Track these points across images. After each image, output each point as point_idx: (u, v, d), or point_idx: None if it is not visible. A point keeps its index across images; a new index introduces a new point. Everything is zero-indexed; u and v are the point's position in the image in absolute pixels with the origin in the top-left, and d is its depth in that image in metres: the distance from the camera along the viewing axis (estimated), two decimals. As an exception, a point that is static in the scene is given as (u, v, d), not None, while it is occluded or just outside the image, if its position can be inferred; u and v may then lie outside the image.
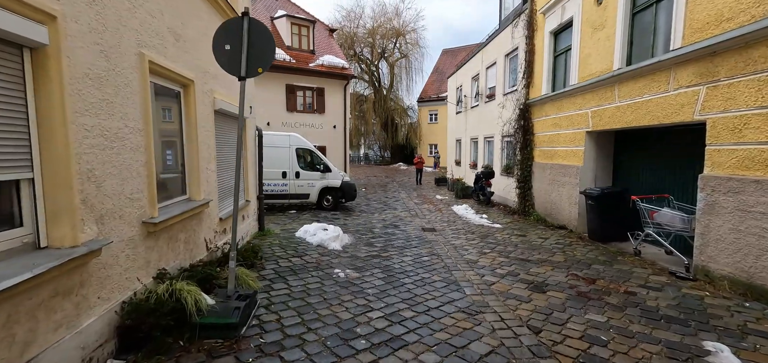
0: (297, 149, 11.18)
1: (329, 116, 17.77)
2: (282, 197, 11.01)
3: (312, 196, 11.31)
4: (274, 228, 8.56)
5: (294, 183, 11.04)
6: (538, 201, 10.09)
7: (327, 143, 17.75)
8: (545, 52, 9.92)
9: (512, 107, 11.71)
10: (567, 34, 9.09)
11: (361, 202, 13.60)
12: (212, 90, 5.27)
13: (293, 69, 16.38)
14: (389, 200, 14.35)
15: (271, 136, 10.96)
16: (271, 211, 11.01)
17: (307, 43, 17.88)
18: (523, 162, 10.78)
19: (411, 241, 7.71)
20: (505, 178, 12.55)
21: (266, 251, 6.40)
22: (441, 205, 13.23)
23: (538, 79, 10.42)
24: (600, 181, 8.07)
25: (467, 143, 17.79)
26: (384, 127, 37.59)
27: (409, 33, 36.46)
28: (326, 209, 11.49)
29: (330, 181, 11.45)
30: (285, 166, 10.95)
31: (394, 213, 11.49)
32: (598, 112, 7.56)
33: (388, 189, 18.24)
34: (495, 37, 14.30)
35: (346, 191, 11.67)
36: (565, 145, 8.78)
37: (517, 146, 11.23)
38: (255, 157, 7.68)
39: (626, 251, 6.62)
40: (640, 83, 6.37)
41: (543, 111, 9.96)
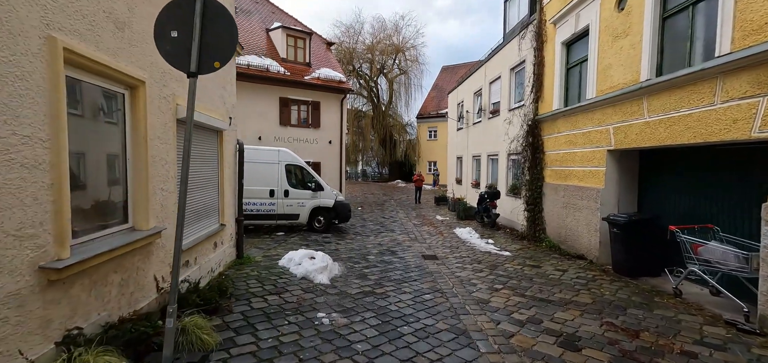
0: (286, 165, 10.28)
1: (325, 131, 16.96)
2: (269, 218, 10.04)
3: (302, 216, 10.35)
4: (255, 254, 7.58)
5: (282, 202, 10.09)
6: (551, 226, 9.16)
7: (322, 159, 16.89)
8: (556, 64, 9.16)
9: (519, 123, 10.89)
10: (582, 45, 8.33)
11: (356, 223, 12.65)
12: (174, 95, 4.39)
13: (287, 81, 15.64)
14: (386, 221, 13.40)
15: (258, 151, 10.08)
16: (257, 233, 10.04)
17: (303, 56, 17.21)
18: (532, 182, 9.89)
19: (410, 271, 6.74)
20: (512, 199, 11.65)
21: (239, 286, 5.41)
22: (442, 227, 12.28)
23: (548, 93, 9.63)
24: (624, 205, 7.17)
25: (469, 161, 16.95)
26: (382, 143, 36.85)
27: (408, 49, 36.14)
28: (317, 231, 10.52)
29: (322, 200, 10.52)
30: (273, 184, 10.03)
31: (392, 236, 10.53)
32: (622, 128, 6.71)
33: (386, 208, 17.30)
34: (499, 51, 13.62)
35: (340, 212, 10.73)
36: (582, 164, 7.92)
37: (524, 165, 10.36)
38: (235, 174, 6.76)
39: (662, 290, 5.67)
40: (676, 96, 5.53)
41: (555, 127, 9.13)
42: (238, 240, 6.85)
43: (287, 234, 10.06)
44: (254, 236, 9.61)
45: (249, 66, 14.67)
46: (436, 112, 35.37)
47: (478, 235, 10.48)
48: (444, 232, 11.22)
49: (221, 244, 6.07)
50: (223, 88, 6.19)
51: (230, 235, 6.56)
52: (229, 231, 6.50)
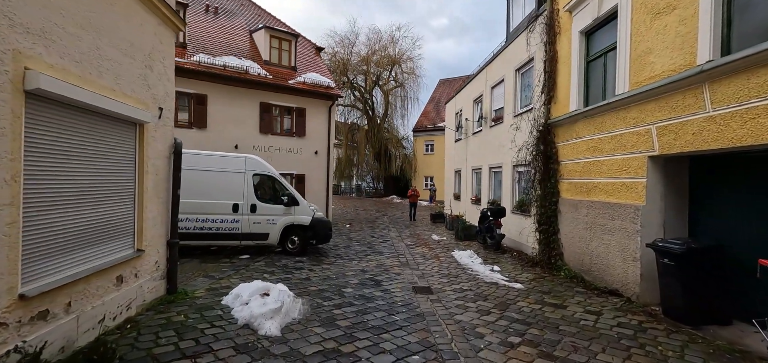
0: (254, 175, 8.69)
1: (310, 140, 15.45)
2: (231, 237, 8.39)
3: (272, 236, 8.71)
4: (199, 286, 5.92)
5: (248, 219, 8.46)
6: (570, 250, 7.57)
7: (307, 171, 15.32)
8: (574, 57, 7.73)
9: (528, 129, 9.42)
10: (607, 31, 6.92)
11: (340, 243, 11.00)
12: (24, 53, 2.84)
13: (269, 85, 14.19)
14: (375, 241, 11.76)
15: (218, 159, 8.50)
16: (217, 256, 8.37)
17: (288, 59, 15.82)
18: (545, 198, 8.35)
19: (395, 313, 5.11)
20: (519, 218, 10.08)
21: (143, 342, 3.76)
22: (438, 248, 10.65)
23: (562, 92, 8.18)
24: (672, 228, 5.61)
25: (468, 174, 15.43)
26: (377, 157, 35.40)
27: (405, 61, 35.02)
28: (291, 254, 8.86)
29: (297, 216, 8.90)
30: (237, 197, 8.41)
31: (379, 259, 8.89)
32: (670, 128, 5.20)
33: (377, 225, 15.66)
34: (502, 52, 12.27)
35: (318, 230, 9.10)
36: (612, 175, 6.38)
37: (535, 177, 8.83)
38: (167, 182, 5.17)
39: (746, 348, 4.06)
40: (758, 79, 4.04)
41: (573, 132, 7.64)
42: (171, 269, 5.21)
43: (253, 257, 8.39)
44: (211, 260, 7.95)
45: (226, 67, 13.23)
46: (434, 126, 34.07)
47: (481, 259, 8.86)
48: (441, 256, 9.59)
49: (134, 278, 4.42)
50: (149, 66, 4.66)
51: (155, 263, 4.92)
52: (153, 259, 4.86)
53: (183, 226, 7.83)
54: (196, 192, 8.03)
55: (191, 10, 14.98)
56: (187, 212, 7.90)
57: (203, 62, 12.77)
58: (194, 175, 8.03)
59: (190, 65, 12.44)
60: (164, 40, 5.06)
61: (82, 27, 3.44)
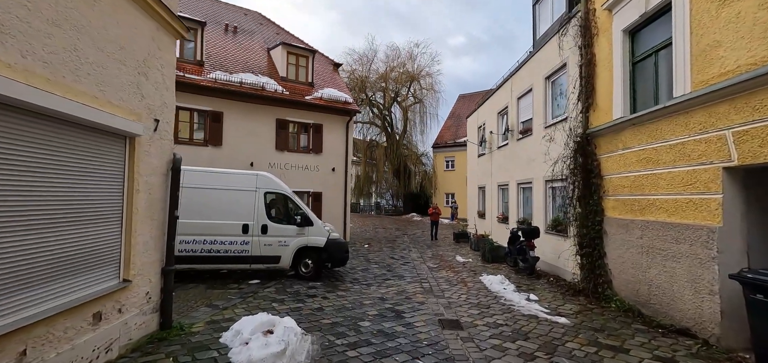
0: (266, 194, 8.15)
1: (327, 157, 14.97)
2: (240, 261, 7.81)
3: (284, 259, 8.09)
4: (198, 318, 5.31)
5: (259, 241, 7.89)
6: (621, 278, 6.56)
7: (323, 189, 14.80)
8: (616, 59, 6.89)
9: (563, 141, 8.54)
10: (658, 27, 6.08)
11: (358, 265, 10.27)
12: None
13: (286, 101, 13.89)
14: (396, 262, 10.96)
15: (227, 176, 8.03)
16: (224, 280, 7.81)
17: (305, 75, 15.56)
18: (587, 217, 7.39)
19: (420, 354, 4.32)
20: (555, 238, 9.10)
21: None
22: (464, 272, 9.75)
23: (603, 99, 7.32)
24: (759, 254, 4.61)
25: (494, 191, 14.50)
26: (396, 174, 34.75)
27: (423, 77, 34.61)
28: (304, 278, 8.20)
29: (311, 238, 8.27)
30: (247, 217, 7.87)
31: (400, 285, 8.10)
32: (753, 132, 4.29)
33: (397, 245, 14.86)
34: (529, 61, 11.50)
35: (333, 253, 8.42)
36: (674, 190, 5.44)
37: (573, 194, 7.90)
38: (163, 203, 4.64)
39: None
40: None
41: (618, 142, 6.74)
42: (164, 301, 4.62)
43: (263, 283, 7.78)
44: (219, 285, 7.38)
45: (242, 84, 13.01)
46: (454, 141, 33.25)
47: (514, 286, 7.92)
48: (468, 281, 8.70)
49: (117, 314, 3.84)
50: (143, 73, 4.19)
51: (146, 295, 4.34)
52: (143, 290, 4.28)
53: (189, 249, 7.36)
54: (203, 212, 7.55)
55: (210, 29, 15.01)
56: (193, 234, 7.43)
57: (219, 79, 12.60)
58: (201, 195, 7.58)
59: (206, 82, 12.28)
60: (163, 46, 4.61)
61: (54, 23, 2.96)
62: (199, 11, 15.51)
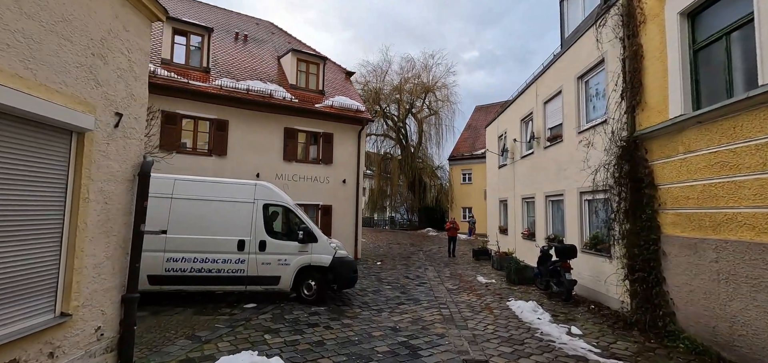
0: (266, 206, 7.31)
1: (338, 168, 14.15)
2: (234, 282, 6.94)
3: (284, 279, 7.17)
4: (171, 356, 4.42)
5: (256, 259, 7.01)
6: (688, 310, 5.35)
7: (333, 202, 13.94)
8: (671, 47, 5.82)
9: (603, 146, 7.43)
10: (728, 4, 5.01)
11: (368, 286, 9.26)
12: None
13: (295, 109, 13.20)
14: (410, 283, 9.90)
15: (222, 186, 7.23)
16: (218, 303, 6.94)
17: (315, 83, 14.91)
18: (638, 234, 6.22)
19: (443, 417, 3.27)
20: (594, 258, 7.91)
21: None
22: (488, 295, 8.61)
23: (654, 96, 6.22)
24: None
25: (517, 204, 13.32)
26: (411, 187, 33.72)
27: (439, 88, 33.76)
28: (306, 302, 7.25)
29: (314, 256, 7.34)
30: (244, 232, 7.03)
31: (415, 311, 7.05)
32: None
33: (412, 263, 13.78)
34: (556, 62, 10.47)
35: (340, 273, 7.46)
36: (763, 202, 4.28)
37: (619, 207, 6.75)
38: (124, 215, 3.81)
39: None
40: None
41: (678, 144, 5.61)
42: (124, 336, 3.74)
43: (259, 307, 6.86)
44: (209, 310, 6.50)
45: (249, 91, 12.41)
46: (471, 153, 32.08)
47: (549, 315, 6.76)
48: (493, 307, 7.57)
49: (47, 359, 2.96)
50: (101, 55, 3.42)
51: (96, 331, 3.46)
52: (92, 325, 3.41)
53: (177, 268, 6.54)
54: (193, 226, 6.76)
55: (218, 36, 14.61)
56: (182, 251, 6.63)
57: (225, 86, 12.02)
58: (192, 206, 6.80)
59: (211, 89, 11.71)
60: (131, 27, 3.84)
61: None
62: (209, 19, 15.16)
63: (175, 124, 11.19)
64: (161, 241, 6.53)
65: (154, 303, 6.64)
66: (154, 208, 6.60)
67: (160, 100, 10.88)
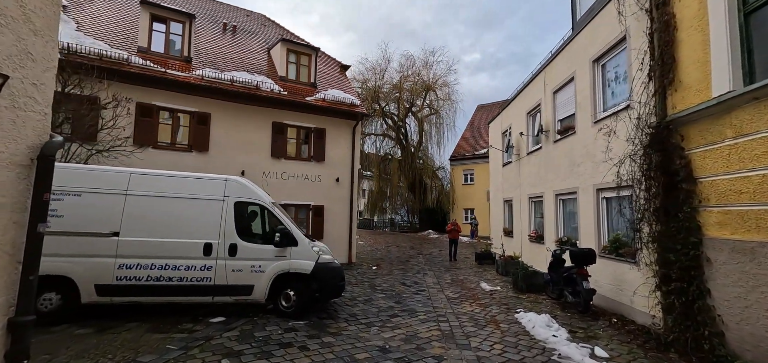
0: (237, 204, 6.35)
1: (331, 166, 13.20)
2: (199, 292, 5.98)
3: (258, 289, 6.20)
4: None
5: (225, 265, 6.05)
6: (744, 331, 4.35)
7: (326, 202, 12.98)
8: (715, 13, 4.86)
9: (625, 135, 6.47)
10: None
11: (359, 294, 8.28)
12: None
13: (284, 102, 12.27)
14: (407, 290, 8.92)
15: (187, 181, 6.28)
16: (180, 316, 5.97)
17: (307, 75, 13.98)
18: (673, 236, 5.24)
19: None
20: (614, 264, 6.92)
21: None
22: (494, 305, 7.62)
23: (692, 72, 5.26)
24: None
25: (524, 204, 12.33)
26: (411, 189, 32.72)
27: (440, 87, 32.81)
28: (284, 314, 6.28)
29: (294, 261, 6.37)
30: (211, 234, 6.07)
31: (410, 325, 6.09)
32: None
33: (410, 267, 12.79)
34: (568, 46, 9.51)
35: (324, 281, 6.49)
36: None
37: (649, 205, 5.77)
38: (17, 213, 2.86)
39: None
40: None
41: (725, 127, 4.64)
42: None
43: (228, 321, 5.90)
44: (168, 325, 5.54)
45: (233, 82, 11.49)
46: (473, 153, 31.13)
47: (566, 331, 5.78)
48: (500, 320, 6.58)
49: None
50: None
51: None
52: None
53: (131, 277, 5.60)
54: (151, 228, 5.81)
55: (203, 26, 13.73)
56: (137, 256, 5.68)
57: (207, 77, 11.10)
58: (149, 205, 5.86)
59: (192, 80, 10.79)
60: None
61: None
62: (194, 7, 14.26)
63: (151, 116, 10.27)
64: (112, 245, 5.60)
65: (105, 317, 5.70)
66: (103, 207, 5.73)
67: (135, 91, 9.98)
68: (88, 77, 7.88)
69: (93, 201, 5.60)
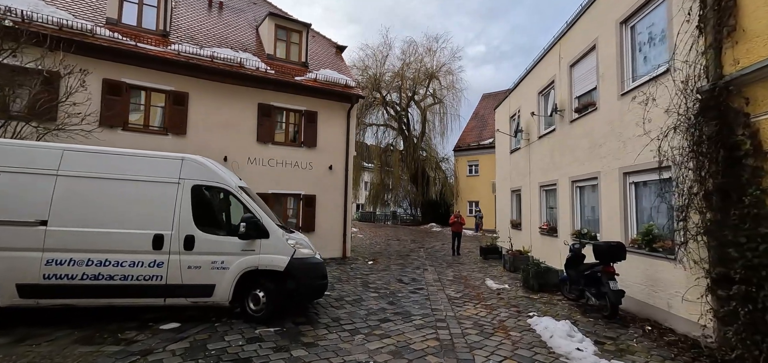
0: (195, 187, 5.31)
1: (323, 153, 12.14)
2: (147, 293, 4.96)
3: (221, 289, 5.17)
4: None
5: (179, 261, 5.03)
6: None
7: (318, 192, 11.95)
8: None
9: (665, 105, 5.32)
10: None
11: (348, 292, 7.25)
12: None
13: (270, 81, 11.19)
14: (403, 289, 7.87)
15: (134, 160, 5.22)
16: (122, 322, 4.97)
17: (298, 54, 12.88)
18: (735, 227, 4.13)
19: None
20: (647, 260, 5.82)
21: None
22: (501, 307, 6.56)
23: (760, 17, 4.10)
24: None
25: (534, 194, 11.21)
26: (414, 180, 31.59)
27: (444, 74, 31.47)
28: (254, 320, 5.26)
29: (264, 257, 5.33)
30: (162, 224, 5.04)
31: (402, 335, 5.05)
32: None
33: (410, 262, 11.76)
34: (587, 12, 8.33)
35: (300, 279, 5.44)
36: None
37: (698, 188, 4.65)
38: None
39: None
40: None
41: (816, 82, 3.49)
42: None
43: (182, 329, 4.89)
44: (109, 331, 4.55)
45: (214, 58, 10.43)
46: (478, 144, 29.93)
47: (592, 342, 4.72)
48: (510, 327, 5.52)
49: None
50: None
51: None
52: None
53: (63, 275, 4.60)
54: (87, 215, 4.80)
55: (186, 2, 12.63)
56: (71, 250, 4.68)
57: (184, 52, 10.05)
58: (87, 188, 4.84)
59: (167, 55, 9.74)
60: None
61: None
62: (176, -18, 13.16)
63: (120, 95, 9.25)
64: (38, 237, 4.60)
65: (31, 323, 4.72)
66: (27, 190, 4.68)
67: (102, 66, 8.97)
68: (35, 47, 6.86)
69: (13, 182, 4.60)
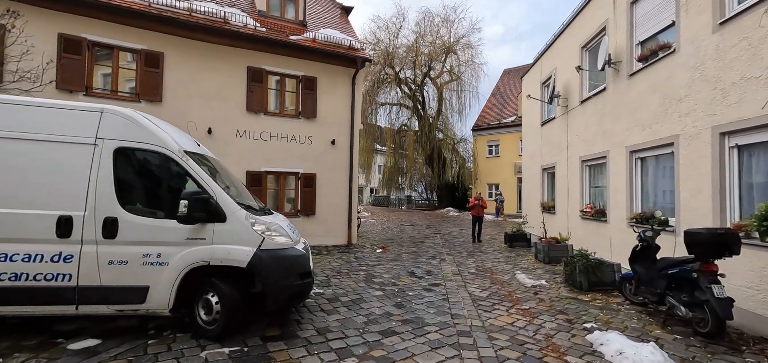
0: (119, 152, 3.80)
1: (324, 125, 10.56)
2: (49, 299, 3.52)
3: (156, 292, 3.69)
4: None
5: (97, 254, 3.57)
6: None
7: (318, 170, 10.42)
8: None
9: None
10: None
11: (345, 290, 5.71)
12: None
13: (261, 41, 9.60)
14: (415, 285, 6.28)
15: (32, 112, 3.72)
16: (22, 335, 3.56)
17: (295, 12, 11.22)
18: None
19: None
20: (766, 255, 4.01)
21: None
22: (544, 313, 4.88)
23: None
24: None
25: (574, 171, 9.35)
26: (429, 162, 29.73)
27: (462, 49, 29.14)
28: (204, 332, 3.78)
29: (219, 248, 3.80)
30: (72, 203, 3.58)
31: (412, 357, 3.45)
32: None
33: (424, 250, 10.17)
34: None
35: (271, 278, 3.90)
36: None
37: None
38: None
39: None
40: None
41: None
42: None
43: (101, 347, 3.45)
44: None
45: (192, 12, 8.89)
46: (498, 122, 27.82)
47: (708, 385, 3.01)
48: (563, 347, 3.86)
49: None
50: None
51: None
52: None
53: None
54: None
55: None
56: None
57: (156, 3, 8.53)
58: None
59: (135, 5, 8.24)
60: None
61: None
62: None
63: (80, 53, 7.85)
64: None
65: None
66: None
67: (57, 18, 7.59)
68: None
69: None
